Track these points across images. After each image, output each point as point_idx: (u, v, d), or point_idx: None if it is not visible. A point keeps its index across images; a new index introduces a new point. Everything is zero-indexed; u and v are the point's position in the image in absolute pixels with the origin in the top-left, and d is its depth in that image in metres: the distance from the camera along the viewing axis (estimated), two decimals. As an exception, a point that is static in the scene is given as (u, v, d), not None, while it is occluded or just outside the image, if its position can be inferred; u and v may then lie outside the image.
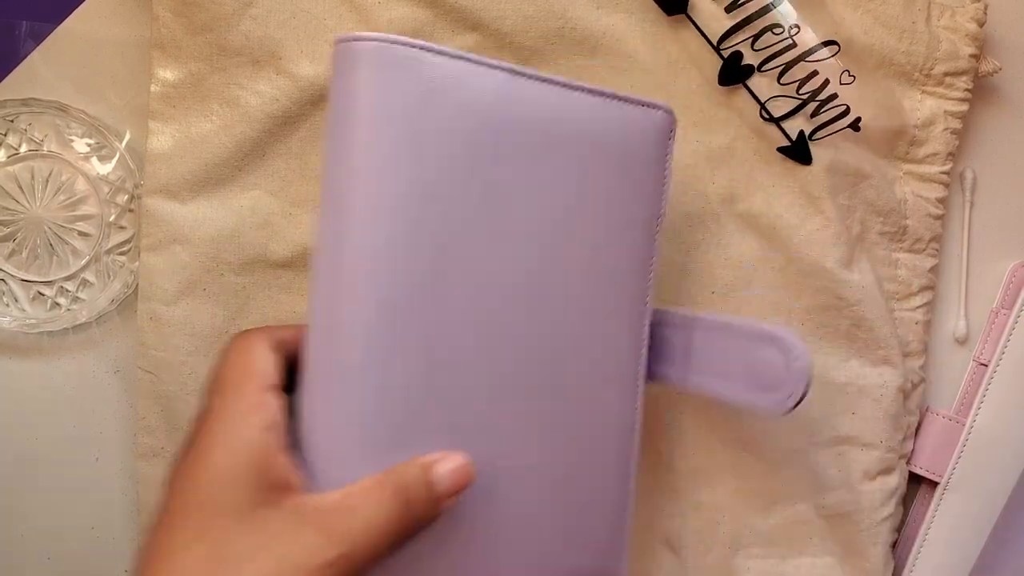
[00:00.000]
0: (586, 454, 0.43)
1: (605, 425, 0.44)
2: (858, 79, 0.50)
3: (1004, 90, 0.54)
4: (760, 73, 0.50)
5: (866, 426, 0.52)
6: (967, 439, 0.54)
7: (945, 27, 0.51)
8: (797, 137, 0.50)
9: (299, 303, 0.51)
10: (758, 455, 0.53)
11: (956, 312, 0.55)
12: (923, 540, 0.54)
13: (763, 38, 0.50)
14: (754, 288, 0.52)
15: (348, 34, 0.38)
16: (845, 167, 0.51)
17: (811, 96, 0.50)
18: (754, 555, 0.53)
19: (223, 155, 0.51)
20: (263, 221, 0.51)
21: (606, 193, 0.43)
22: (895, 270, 0.53)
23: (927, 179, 0.53)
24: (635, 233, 0.44)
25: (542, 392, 0.41)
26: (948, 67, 0.51)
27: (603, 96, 0.42)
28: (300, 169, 0.51)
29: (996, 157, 0.54)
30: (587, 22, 0.50)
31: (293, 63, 0.50)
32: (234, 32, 0.49)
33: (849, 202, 0.51)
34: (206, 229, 0.51)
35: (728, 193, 0.51)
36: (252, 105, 0.50)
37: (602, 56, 0.50)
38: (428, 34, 0.50)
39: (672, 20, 0.50)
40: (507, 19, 0.49)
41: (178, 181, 0.51)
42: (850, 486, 0.52)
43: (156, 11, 0.50)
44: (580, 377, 0.43)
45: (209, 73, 0.50)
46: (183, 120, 0.51)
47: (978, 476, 0.53)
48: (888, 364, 0.52)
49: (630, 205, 0.44)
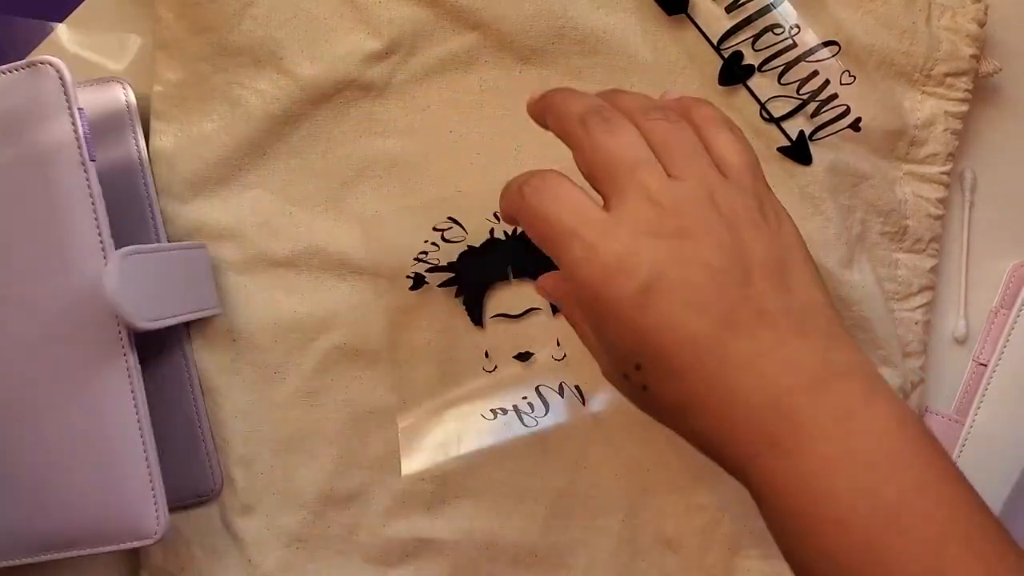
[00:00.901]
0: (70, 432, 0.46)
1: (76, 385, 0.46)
2: (858, 79, 0.50)
3: (1004, 91, 0.54)
4: (760, 73, 0.50)
5: (866, 426, 0.52)
6: (966, 439, 0.54)
7: (946, 28, 0.51)
8: (797, 137, 0.50)
9: (299, 303, 0.51)
10: (758, 455, 0.53)
11: (956, 312, 0.55)
12: (922, 540, 0.54)
13: (763, 38, 0.50)
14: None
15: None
16: (845, 167, 0.51)
17: (811, 96, 0.50)
18: (753, 556, 0.53)
19: (224, 155, 0.51)
20: (263, 221, 0.51)
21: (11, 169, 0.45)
22: (895, 270, 0.53)
23: (927, 179, 0.53)
24: (55, 185, 0.45)
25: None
26: (948, 68, 0.51)
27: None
28: (300, 169, 0.51)
29: (996, 157, 0.54)
30: (587, 22, 0.50)
31: (294, 63, 0.50)
32: (235, 32, 0.49)
33: (849, 202, 0.51)
34: (206, 228, 0.51)
35: (728, 193, 0.51)
36: (253, 105, 0.50)
37: (602, 56, 0.50)
38: (428, 34, 0.50)
39: (672, 20, 0.50)
40: (507, 19, 0.49)
41: (179, 180, 0.51)
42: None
43: (159, 12, 0.50)
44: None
45: (211, 73, 0.50)
46: (185, 120, 0.51)
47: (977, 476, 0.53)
48: (888, 364, 0.52)
49: (36, 162, 0.45)
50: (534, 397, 0.52)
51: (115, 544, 0.47)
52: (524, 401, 0.52)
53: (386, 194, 0.51)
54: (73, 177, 0.45)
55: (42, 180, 0.45)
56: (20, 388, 0.46)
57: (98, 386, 0.46)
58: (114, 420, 0.46)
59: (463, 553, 0.52)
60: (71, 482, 0.46)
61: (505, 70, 0.51)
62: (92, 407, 0.46)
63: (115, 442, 0.46)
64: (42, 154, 0.45)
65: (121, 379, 0.46)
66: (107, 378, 0.46)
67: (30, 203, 0.45)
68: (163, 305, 0.46)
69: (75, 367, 0.46)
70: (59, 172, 0.45)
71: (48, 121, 0.45)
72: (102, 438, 0.46)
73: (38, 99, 0.45)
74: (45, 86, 0.45)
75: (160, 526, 0.47)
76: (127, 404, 0.46)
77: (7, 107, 0.45)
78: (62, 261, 0.46)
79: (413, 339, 0.52)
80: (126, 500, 0.47)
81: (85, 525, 0.47)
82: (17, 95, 0.45)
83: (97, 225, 0.46)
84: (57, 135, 0.45)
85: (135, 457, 0.46)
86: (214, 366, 0.52)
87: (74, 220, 0.46)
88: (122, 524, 0.47)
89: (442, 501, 0.53)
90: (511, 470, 0.52)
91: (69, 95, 0.45)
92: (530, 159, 0.51)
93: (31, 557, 0.48)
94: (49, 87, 0.45)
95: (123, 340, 0.46)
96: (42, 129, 0.45)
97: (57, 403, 0.46)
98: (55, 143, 0.45)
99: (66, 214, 0.46)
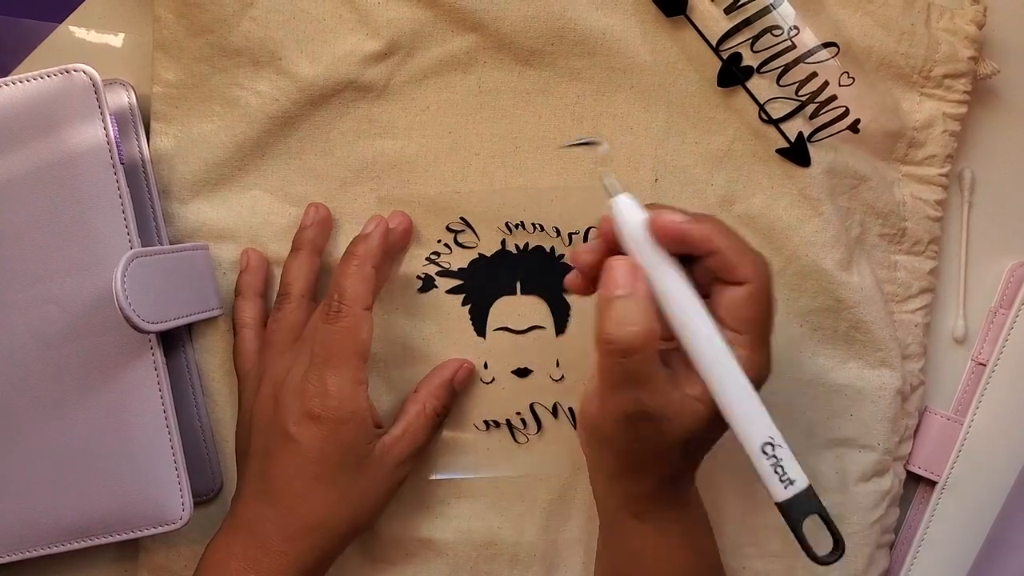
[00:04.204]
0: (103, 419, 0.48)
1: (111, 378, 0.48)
2: (857, 81, 0.50)
3: (1002, 92, 0.54)
4: (759, 74, 0.50)
5: (864, 428, 0.52)
6: (965, 438, 0.54)
7: (944, 29, 0.51)
8: (796, 139, 0.50)
9: (299, 303, 0.52)
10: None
11: (955, 312, 0.55)
12: (921, 539, 0.54)
13: (762, 39, 0.50)
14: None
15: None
16: (844, 169, 0.51)
17: (810, 98, 0.50)
18: (750, 555, 0.53)
19: (223, 155, 0.51)
20: (263, 221, 0.52)
21: (42, 168, 0.47)
22: (894, 272, 0.53)
23: (926, 181, 0.53)
24: (84, 182, 0.47)
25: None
26: (947, 69, 0.51)
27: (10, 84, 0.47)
28: (300, 169, 0.51)
29: (994, 158, 0.54)
30: (586, 23, 0.50)
31: (293, 64, 0.50)
32: (235, 33, 0.49)
33: (848, 204, 0.51)
34: (206, 229, 0.51)
35: (727, 194, 0.51)
36: (252, 105, 0.50)
37: (601, 57, 0.50)
38: (427, 35, 0.50)
39: (671, 21, 0.50)
40: (507, 19, 0.49)
41: (179, 181, 0.51)
42: (845, 488, 0.52)
43: (158, 12, 0.50)
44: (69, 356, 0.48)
45: (210, 74, 0.50)
46: (184, 120, 0.51)
47: (976, 475, 0.54)
48: (887, 366, 0.52)
49: (68, 164, 0.47)
50: (528, 414, 0.52)
51: (141, 530, 0.49)
52: (517, 417, 0.52)
53: (386, 195, 0.51)
54: (104, 178, 0.47)
55: (73, 181, 0.47)
56: (51, 381, 0.48)
57: (127, 378, 0.48)
58: (142, 410, 0.48)
59: (462, 552, 0.53)
60: (99, 471, 0.48)
61: (504, 71, 0.51)
62: (121, 398, 0.48)
63: (143, 431, 0.48)
64: (74, 156, 0.47)
65: (148, 371, 0.48)
66: (136, 370, 0.48)
67: (61, 203, 0.47)
68: (168, 307, 0.47)
69: (105, 360, 0.48)
70: (91, 173, 0.47)
71: (80, 125, 0.47)
72: (130, 428, 0.48)
73: (70, 104, 0.47)
74: (77, 91, 0.47)
75: (185, 511, 0.49)
76: (154, 395, 0.48)
77: (40, 111, 0.47)
78: (92, 259, 0.47)
79: (412, 340, 0.52)
80: (153, 487, 0.48)
81: (112, 512, 0.48)
82: (50, 100, 0.47)
83: (126, 224, 0.48)
84: (89, 138, 0.47)
85: (161, 446, 0.48)
86: (214, 367, 0.52)
87: (105, 219, 0.47)
88: (148, 510, 0.48)
89: (441, 501, 0.53)
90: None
91: (101, 100, 0.47)
92: (528, 160, 0.51)
93: (60, 545, 0.49)
94: (81, 92, 0.47)
95: (150, 335, 0.48)
96: (74, 132, 0.47)
97: (87, 395, 0.48)
98: (87, 146, 0.47)
99: (97, 214, 0.47)
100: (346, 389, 0.46)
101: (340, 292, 0.46)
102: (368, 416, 0.47)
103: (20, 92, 0.47)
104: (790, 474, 0.39)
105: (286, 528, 0.46)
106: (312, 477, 0.46)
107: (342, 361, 0.46)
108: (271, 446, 0.47)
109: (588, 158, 0.51)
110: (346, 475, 0.46)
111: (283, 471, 0.46)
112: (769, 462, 0.39)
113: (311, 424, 0.46)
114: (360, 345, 0.46)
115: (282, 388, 0.47)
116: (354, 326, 0.46)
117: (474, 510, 0.53)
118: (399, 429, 0.49)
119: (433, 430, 0.50)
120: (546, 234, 0.52)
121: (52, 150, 0.47)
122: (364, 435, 0.47)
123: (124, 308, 0.45)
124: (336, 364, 0.46)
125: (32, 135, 0.47)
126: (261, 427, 0.47)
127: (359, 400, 0.46)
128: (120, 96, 0.50)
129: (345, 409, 0.46)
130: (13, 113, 0.47)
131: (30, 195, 0.47)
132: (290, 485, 0.46)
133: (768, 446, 0.39)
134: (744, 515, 0.53)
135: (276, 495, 0.46)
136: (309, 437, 0.46)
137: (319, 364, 0.46)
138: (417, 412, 0.50)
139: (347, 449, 0.46)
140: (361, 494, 0.47)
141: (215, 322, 0.51)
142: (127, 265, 0.45)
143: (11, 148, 0.47)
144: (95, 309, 0.47)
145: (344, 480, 0.46)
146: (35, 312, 0.47)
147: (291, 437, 0.46)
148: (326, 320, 0.46)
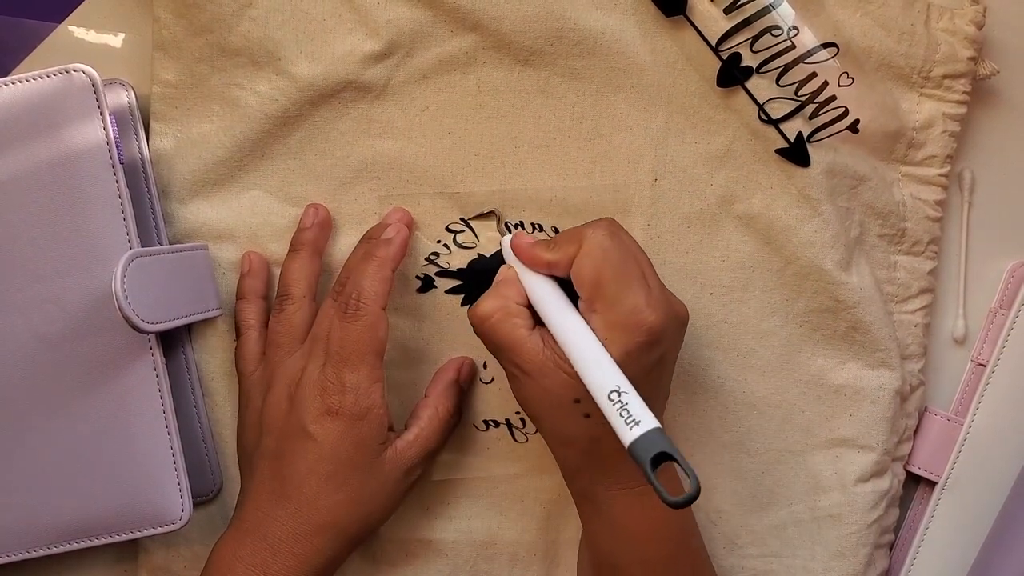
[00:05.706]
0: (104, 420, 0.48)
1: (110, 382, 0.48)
2: (857, 81, 0.50)
3: (1002, 93, 0.54)
4: (759, 75, 0.50)
5: (863, 428, 0.52)
6: (965, 439, 0.54)
7: (944, 30, 0.51)
8: (795, 139, 0.50)
9: (299, 303, 0.52)
10: (756, 456, 0.53)
11: (954, 312, 0.55)
12: (921, 540, 0.54)
13: (762, 40, 0.50)
14: (752, 290, 0.52)
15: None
16: (843, 169, 0.51)
17: (810, 98, 0.50)
18: (749, 555, 0.53)
19: (223, 155, 0.51)
20: (263, 221, 0.52)
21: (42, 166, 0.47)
22: (894, 272, 0.53)
23: (925, 181, 0.53)
24: (82, 181, 0.47)
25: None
26: (947, 69, 0.51)
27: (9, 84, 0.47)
28: (300, 169, 0.51)
29: (994, 158, 0.54)
30: (586, 23, 0.50)
31: (292, 64, 0.50)
32: (234, 33, 0.49)
33: (847, 204, 0.51)
34: (206, 229, 0.51)
35: (726, 194, 0.51)
36: (252, 106, 0.50)
37: (600, 57, 0.50)
38: (427, 35, 0.50)
39: (671, 21, 0.50)
40: (506, 19, 0.49)
41: (178, 181, 0.51)
42: (844, 488, 0.52)
43: (157, 13, 0.50)
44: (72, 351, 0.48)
45: (209, 74, 0.50)
46: (184, 120, 0.51)
47: (976, 476, 0.54)
48: (886, 367, 0.52)
49: (68, 164, 0.47)
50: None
51: (141, 531, 0.49)
52: (517, 416, 0.52)
53: (386, 195, 0.51)
54: (104, 178, 0.47)
55: (73, 181, 0.47)
56: (50, 381, 0.48)
57: (126, 378, 0.48)
58: (141, 411, 0.48)
59: (462, 552, 0.53)
60: (98, 472, 0.48)
61: (504, 71, 0.51)
62: (120, 399, 0.48)
63: (142, 432, 0.48)
64: (73, 156, 0.47)
65: (148, 371, 0.48)
66: (135, 371, 0.48)
67: (61, 203, 0.47)
68: (168, 308, 0.47)
69: (104, 360, 0.48)
70: (90, 173, 0.47)
71: (80, 125, 0.47)
72: (130, 428, 0.48)
73: (70, 104, 0.47)
74: (77, 91, 0.47)
75: (185, 512, 0.49)
76: (154, 395, 0.48)
77: (40, 111, 0.47)
78: (92, 259, 0.47)
79: (412, 340, 0.52)
80: (152, 488, 0.48)
81: (112, 512, 0.48)
82: (49, 100, 0.47)
83: (125, 224, 0.48)
84: (89, 138, 0.47)
85: (161, 446, 0.48)
86: (214, 367, 0.52)
87: (104, 219, 0.47)
88: (148, 511, 0.49)
89: (441, 501, 0.53)
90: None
91: (101, 100, 0.47)
92: (528, 160, 0.51)
93: (60, 545, 0.49)
94: (81, 92, 0.47)
95: (150, 335, 0.48)
96: (74, 132, 0.47)
97: (86, 395, 0.48)
98: (86, 146, 0.47)
99: (96, 214, 0.47)
100: (363, 386, 0.46)
101: (359, 291, 0.47)
102: (384, 414, 0.47)
103: (20, 92, 0.47)
104: (635, 415, 0.40)
105: (298, 528, 0.46)
106: (325, 475, 0.46)
107: (360, 358, 0.46)
108: (284, 446, 0.47)
109: (587, 158, 0.51)
110: (358, 474, 0.47)
111: (297, 470, 0.46)
112: (615, 407, 0.40)
113: (329, 420, 0.46)
114: (378, 343, 0.47)
115: (297, 387, 0.47)
116: (372, 324, 0.46)
117: (474, 510, 0.53)
118: (412, 434, 0.49)
119: (446, 434, 0.50)
120: (546, 234, 0.52)
121: (52, 150, 0.47)
122: (378, 433, 0.47)
123: (124, 308, 0.45)
124: (354, 361, 0.46)
125: (32, 135, 0.47)
126: (273, 428, 0.48)
127: (375, 397, 0.47)
128: (120, 96, 0.50)
129: (362, 405, 0.46)
130: (13, 113, 0.47)
131: (30, 195, 0.47)
132: (303, 484, 0.46)
133: (615, 393, 0.40)
134: (744, 515, 0.53)
135: (289, 495, 0.46)
136: (326, 433, 0.46)
137: (337, 362, 0.46)
138: (430, 416, 0.50)
139: (360, 446, 0.46)
140: (371, 495, 0.47)
141: (215, 322, 0.51)
142: (127, 265, 0.45)
143: (11, 148, 0.47)
144: (95, 309, 0.47)
145: (355, 480, 0.47)
146: (35, 312, 0.47)
147: (309, 435, 0.46)
148: (344, 319, 0.46)
